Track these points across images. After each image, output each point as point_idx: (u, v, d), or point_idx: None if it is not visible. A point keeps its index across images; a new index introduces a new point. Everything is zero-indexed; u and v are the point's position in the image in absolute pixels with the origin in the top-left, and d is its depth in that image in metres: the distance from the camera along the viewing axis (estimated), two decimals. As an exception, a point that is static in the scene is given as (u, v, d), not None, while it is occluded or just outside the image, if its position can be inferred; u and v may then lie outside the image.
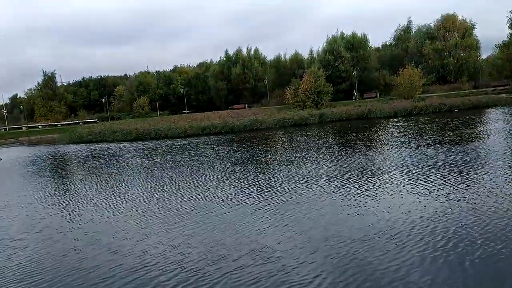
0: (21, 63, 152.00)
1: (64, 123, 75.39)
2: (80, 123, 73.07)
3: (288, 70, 74.55)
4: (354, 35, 69.15)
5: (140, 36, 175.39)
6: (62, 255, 8.30)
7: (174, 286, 6.53)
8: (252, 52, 76.87)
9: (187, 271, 7.05)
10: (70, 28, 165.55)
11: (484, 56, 71.30)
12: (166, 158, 23.47)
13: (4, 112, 75.59)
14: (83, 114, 78.68)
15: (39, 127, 73.08)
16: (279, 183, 13.55)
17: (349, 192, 11.52)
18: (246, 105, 72.46)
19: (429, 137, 22.07)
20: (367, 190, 11.58)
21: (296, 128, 39.09)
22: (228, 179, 15.27)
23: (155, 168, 19.80)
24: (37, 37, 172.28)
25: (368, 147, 20.95)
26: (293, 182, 13.36)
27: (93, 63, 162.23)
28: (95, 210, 12.04)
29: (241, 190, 12.98)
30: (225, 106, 75.50)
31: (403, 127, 30.00)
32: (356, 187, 12.02)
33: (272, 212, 10.08)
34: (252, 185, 13.62)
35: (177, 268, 7.17)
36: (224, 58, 77.60)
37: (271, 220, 9.49)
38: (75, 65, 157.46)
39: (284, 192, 12.11)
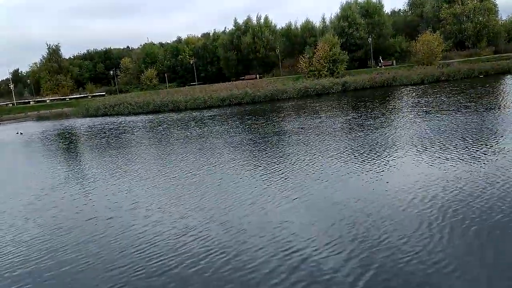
0: (20, 37, 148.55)
1: (72, 96, 74.05)
2: (89, 97, 71.85)
3: (299, 39, 72.71)
4: (368, 1, 66.99)
5: (141, 8, 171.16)
6: (174, 233, 7.53)
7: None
8: (262, 20, 74.69)
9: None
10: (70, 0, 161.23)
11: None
12: (206, 130, 22.49)
13: (11, 86, 74.03)
14: (90, 87, 77.13)
15: (47, 101, 71.75)
16: (362, 149, 12.72)
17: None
18: (257, 75, 70.98)
19: (491, 101, 21.13)
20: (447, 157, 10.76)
21: (322, 97, 37.99)
22: (299, 147, 14.43)
23: (203, 139, 18.89)
24: (36, 10, 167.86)
25: (437, 112, 19.83)
26: (376, 148, 12.55)
27: (93, 36, 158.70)
28: (175, 185, 11.20)
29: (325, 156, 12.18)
30: (235, 76, 73.99)
31: (448, 92, 28.78)
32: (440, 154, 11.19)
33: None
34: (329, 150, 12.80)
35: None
36: (233, 27, 75.48)
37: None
38: (74, 38, 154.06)
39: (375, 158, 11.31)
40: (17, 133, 34.01)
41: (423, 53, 53.57)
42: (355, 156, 12.10)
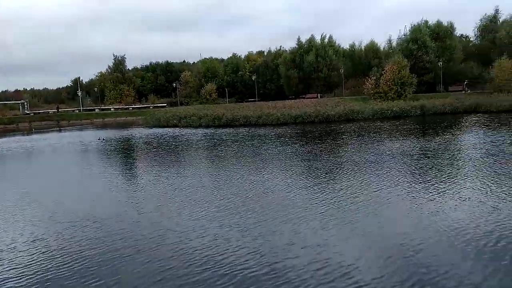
0: (83, 49, 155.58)
1: (134, 106, 76.02)
2: (150, 107, 73.52)
3: (363, 60, 71.69)
4: (439, 24, 65.22)
5: (198, 23, 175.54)
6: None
7: None
8: (326, 40, 74.34)
9: None
10: (130, 15, 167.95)
11: None
12: (315, 147, 21.87)
13: (79, 93, 76.99)
14: (153, 98, 78.97)
15: (112, 109, 73.94)
16: None
17: None
18: (318, 94, 70.35)
19: None
20: None
21: (400, 120, 36.62)
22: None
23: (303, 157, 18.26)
24: (99, 24, 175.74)
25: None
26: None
27: (150, 50, 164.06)
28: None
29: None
30: (294, 95, 73.66)
31: None
32: None
33: None
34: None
35: None
36: (296, 46, 75.52)
37: None
38: (134, 51, 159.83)
39: None
40: (98, 139, 34.64)
41: (500, 80, 51.29)
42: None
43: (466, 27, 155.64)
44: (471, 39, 77.97)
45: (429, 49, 62.45)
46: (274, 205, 10.63)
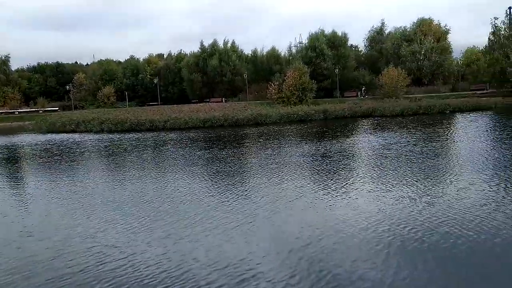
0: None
1: (22, 110, 68.77)
2: (40, 111, 67.27)
3: (265, 66, 73.34)
4: (334, 34, 69.51)
5: (91, 23, 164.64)
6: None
7: None
8: (229, 45, 74.79)
9: None
10: (14, 11, 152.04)
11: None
12: (235, 150, 21.51)
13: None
14: (43, 102, 72.04)
15: (-6, 114, 66.04)
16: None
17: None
18: (223, 99, 70.39)
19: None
20: None
21: (305, 124, 38.09)
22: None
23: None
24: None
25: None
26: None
27: (38, 50, 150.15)
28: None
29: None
30: (198, 98, 72.82)
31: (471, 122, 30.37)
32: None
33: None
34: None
35: None
36: (200, 50, 74.77)
37: None
38: (20, 51, 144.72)
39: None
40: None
41: (388, 87, 56.14)
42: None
43: (356, 37, 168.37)
44: (360, 49, 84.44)
45: (326, 56, 66.07)
46: (213, 214, 10.05)
